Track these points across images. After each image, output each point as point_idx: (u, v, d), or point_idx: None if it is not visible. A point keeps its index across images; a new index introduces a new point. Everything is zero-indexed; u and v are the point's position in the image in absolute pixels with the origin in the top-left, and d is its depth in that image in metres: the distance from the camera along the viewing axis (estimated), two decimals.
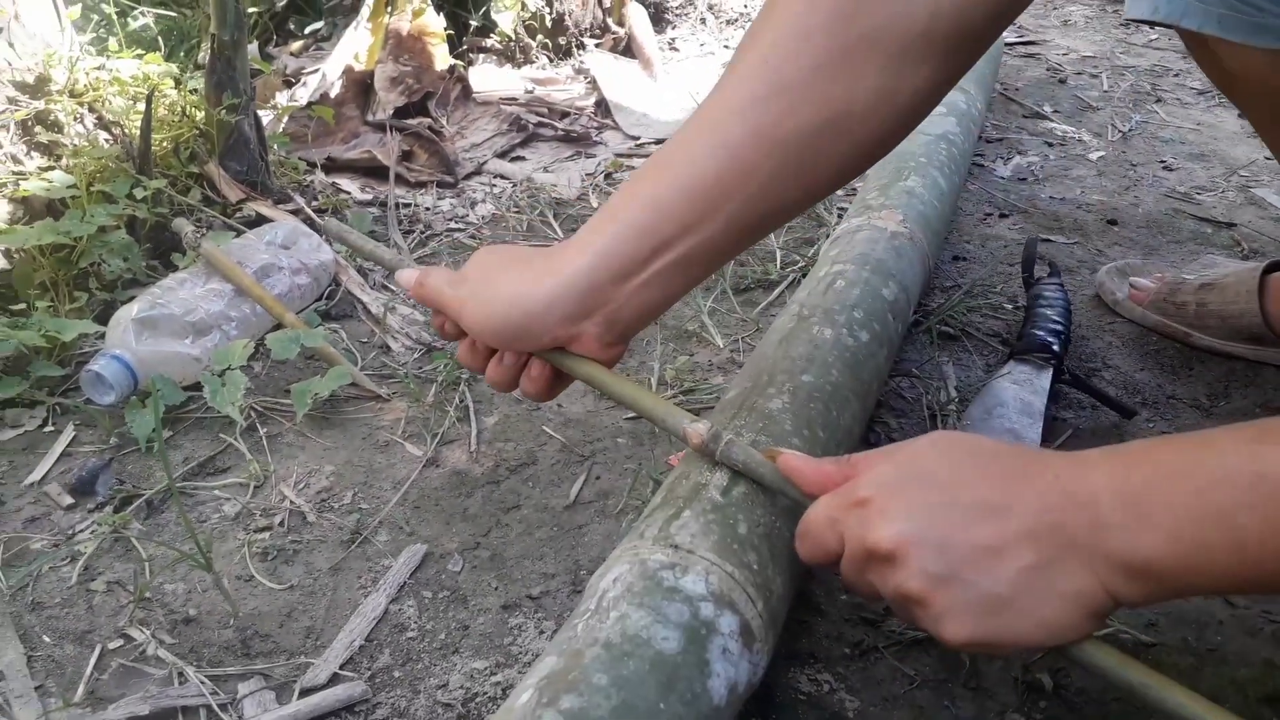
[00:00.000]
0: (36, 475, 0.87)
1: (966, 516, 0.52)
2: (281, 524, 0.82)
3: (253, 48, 2.05)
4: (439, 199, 1.46)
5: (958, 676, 0.69)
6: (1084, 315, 1.19)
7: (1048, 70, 2.18)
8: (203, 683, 0.67)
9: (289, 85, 1.83)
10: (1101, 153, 1.73)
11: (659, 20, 2.29)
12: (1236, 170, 1.67)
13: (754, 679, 0.59)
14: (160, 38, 2.04)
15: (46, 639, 0.71)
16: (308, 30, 2.12)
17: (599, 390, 0.75)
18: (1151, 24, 0.89)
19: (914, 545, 0.52)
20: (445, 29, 1.87)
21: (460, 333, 0.69)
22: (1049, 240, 1.39)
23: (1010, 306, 1.20)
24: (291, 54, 2.06)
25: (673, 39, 2.25)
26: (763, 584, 0.61)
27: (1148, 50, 2.41)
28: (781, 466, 0.62)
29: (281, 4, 2.21)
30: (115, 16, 2.11)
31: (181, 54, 2.03)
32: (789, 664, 0.70)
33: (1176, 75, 2.21)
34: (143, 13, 2.12)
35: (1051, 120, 1.89)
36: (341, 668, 0.69)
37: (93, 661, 0.69)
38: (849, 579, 0.57)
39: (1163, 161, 1.70)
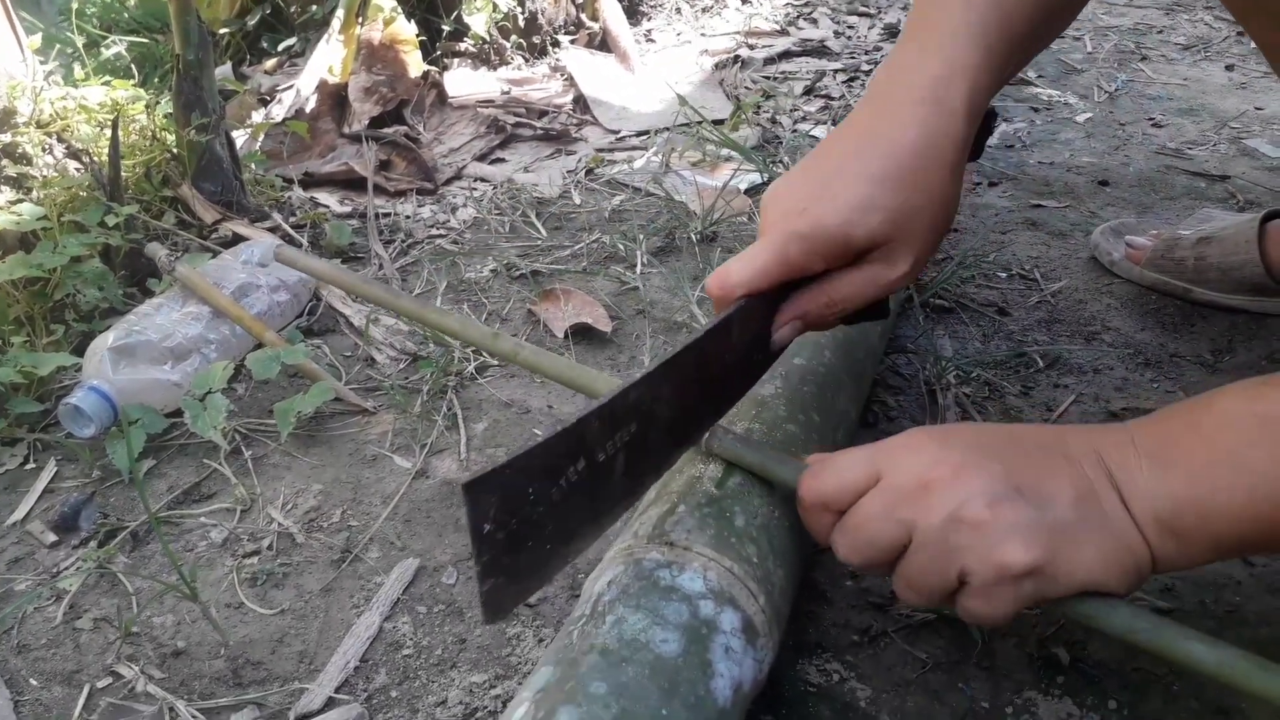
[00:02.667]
0: (19, 514, 0.85)
1: (1022, 453, 0.53)
2: (270, 547, 0.80)
3: (226, 68, 2.04)
4: (419, 206, 1.44)
5: (970, 657, 0.67)
6: (1080, 278, 1.17)
7: None
8: (194, 716, 0.65)
9: (264, 103, 1.81)
10: (1089, 114, 1.71)
11: (633, 13, 2.27)
12: (1227, 122, 1.64)
13: (760, 676, 0.57)
14: (134, 65, 2.02)
15: (34, 682, 0.69)
16: (281, 47, 2.10)
17: (578, 389, 0.73)
18: None
19: (976, 470, 0.51)
20: (418, 35, 1.85)
21: None
22: (1040, 206, 1.36)
23: (1004, 275, 1.18)
24: (266, 72, 2.04)
25: (648, 30, 2.23)
26: (763, 577, 0.59)
27: (1129, 9, 2.38)
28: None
29: (253, 22, 2.18)
30: (86, 47, 2.10)
31: (156, 79, 2.01)
32: (797, 655, 0.68)
33: (1160, 32, 2.19)
34: (115, 40, 2.10)
35: (1036, 85, 1.86)
36: (337, 691, 0.67)
37: (81, 702, 0.67)
38: (870, 518, 0.53)
39: (1151, 119, 1.68)
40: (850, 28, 2.26)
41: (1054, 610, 0.53)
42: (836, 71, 1.97)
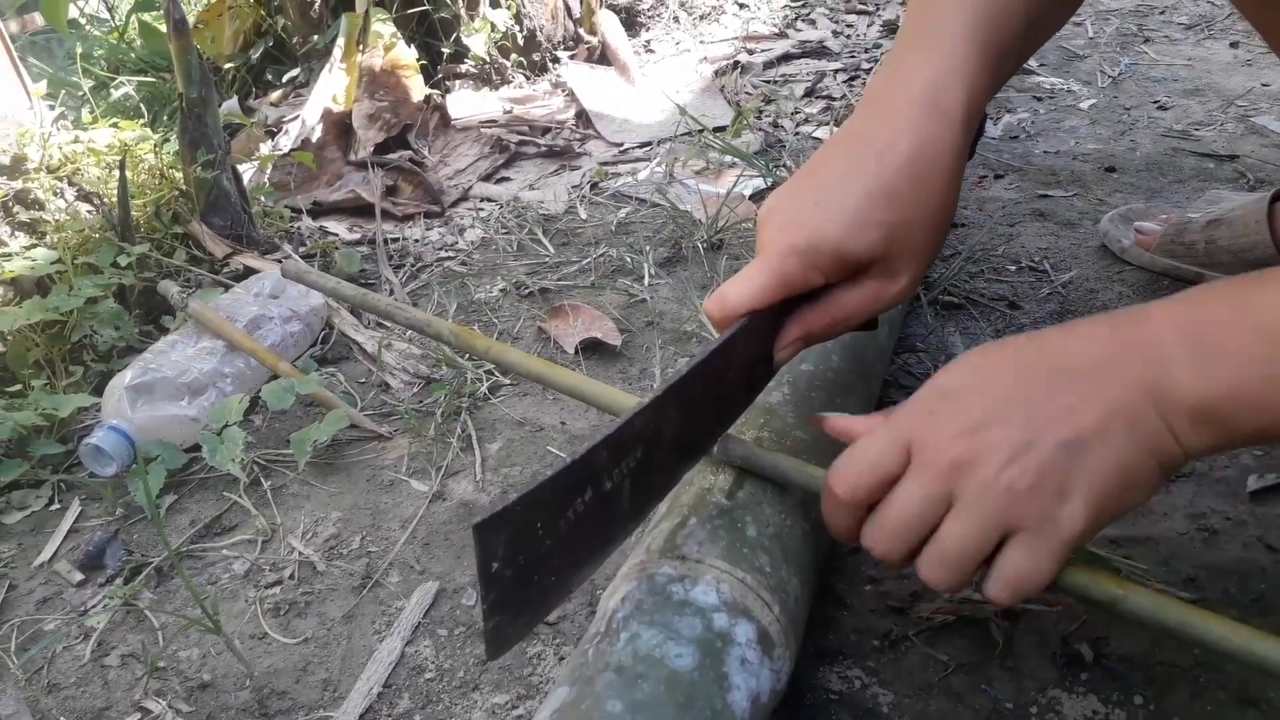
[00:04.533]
0: (46, 555, 0.87)
1: (1040, 388, 0.50)
2: (291, 577, 0.81)
3: (232, 102, 2.06)
4: (427, 229, 1.45)
5: (992, 657, 0.66)
6: (1090, 267, 1.16)
7: None
8: None
9: (271, 135, 1.83)
10: (1093, 100, 1.70)
11: (631, 24, 2.28)
12: (1234, 101, 1.63)
13: (778, 686, 0.57)
14: (142, 104, 2.05)
15: None
16: (285, 78, 2.12)
17: (587, 401, 0.74)
18: None
19: (998, 428, 0.49)
20: (418, 60, 1.86)
21: None
22: (1047, 196, 1.35)
23: (1013, 268, 1.17)
24: (271, 103, 2.06)
25: (647, 41, 2.24)
26: (777, 586, 0.59)
27: None
28: (831, 428, 0.59)
29: (257, 55, 2.21)
30: (94, 89, 2.13)
31: (165, 117, 2.03)
32: (818, 663, 0.68)
33: (1162, 13, 2.17)
34: (123, 81, 2.13)
35: (1038, 74, 1.85)
36: (361, 717, 0.68)
37: None
38: (904, 504, 0.52)
39: (1156, 101, 1.66)
40: (849, 26, 2.26)
41: (1069, 593, 0.53)
42: (837, 71, 1.96)
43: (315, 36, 2.06)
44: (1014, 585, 0.50)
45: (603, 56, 2.06)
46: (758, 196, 1.43)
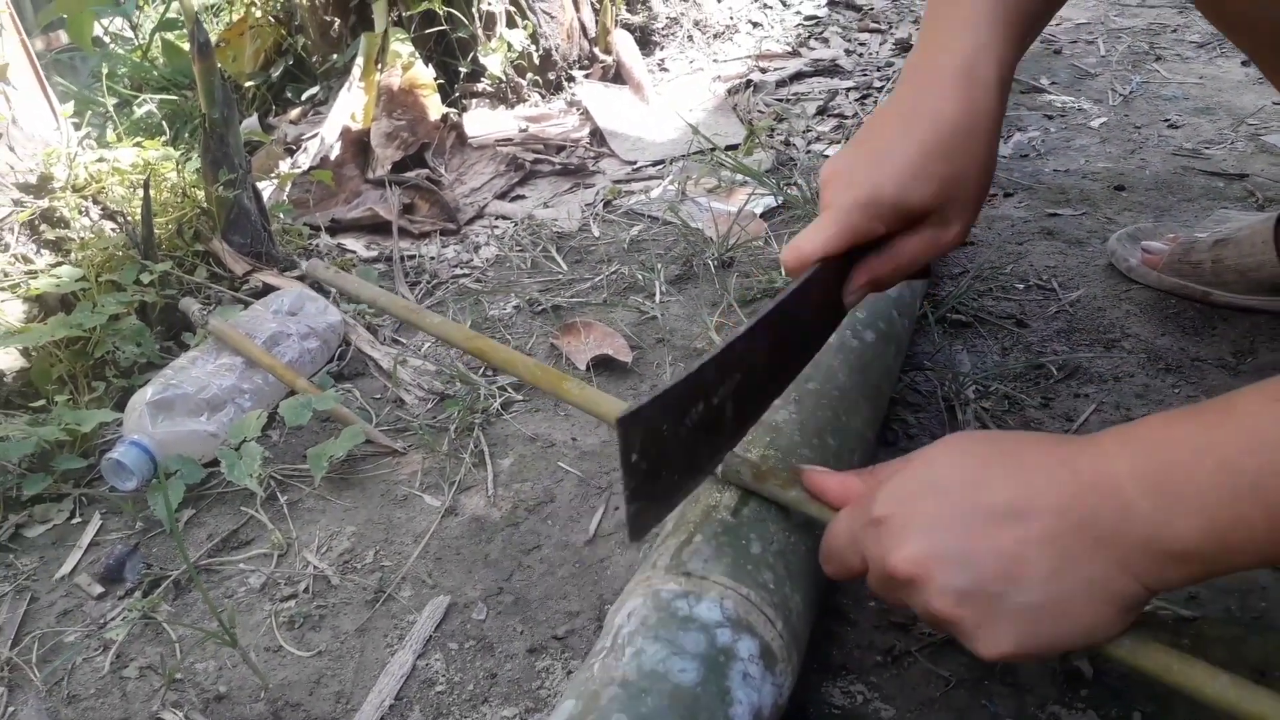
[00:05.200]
0: (67, 568, 0.89)
1: (986, 524, 0.50)
2: (306, 590, 0.83)
3: (253, 120, 2.10)
4: (443, 247, 1.47)
5: (994, 674, 0.67)
6: (1098, 286, 1.17)
7: (1041, 42, 2.16)
8: None
9: (290, 153, 1.86)
10: (1103, 119, 1.71)
11: (646, 43, 2.30)
12: (1244, 119, 1.63)
13: (780, 700, 0.58)
14: (165, 121, 2.09)
15: None
16: (304, 96, 2.16)
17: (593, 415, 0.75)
18: None
19: (935, 563, 0.50)
20: (436, 79, 1.89)
21: None
22: (1056, 215, 1.36)
23: (1021, 286, 1.18)
24: (291, 121, 2.09)
25: (661, 60, 2.26)
26: (780, 602, 0.61)
27: (1142, 10, 2.37)
28: (807, 484, 0.63)
29: (277, 74, 2.25)
30: (117, 107, 2.17)
31: (186, 135, 2.07)
32: (821, 678, 0.69)
33: (1174, 31, 2.18)
34: (146, 99, 2.17)
35: (1050, 92, 1.86)
36: None
37: None
38: (878, 595, 0.57)
39: (1167, 120, 1.67)
40: (862, 45, 2.28)
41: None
42: (849, 90, 1.98)
43: (334, 55, 2.10)
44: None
45: (617, 75, 2.08)
46: (768, 215, 1.44)
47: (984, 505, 0.51)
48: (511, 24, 2.01)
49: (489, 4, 1.96)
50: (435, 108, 1.83)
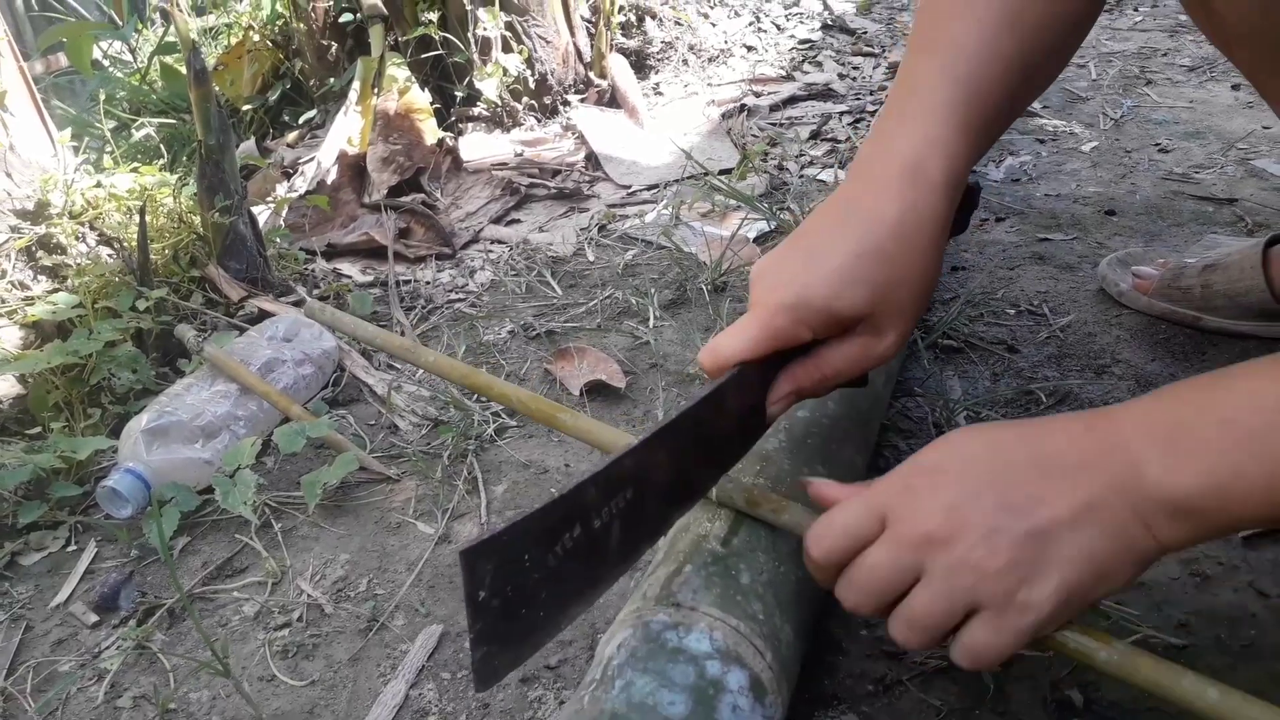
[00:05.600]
0: (62, 596, 0.89)
1: (1016, 476, 0.52)
2: (300, 619, 0.83)
3: (250, 144, 2.11)
4: (438, 271, 1.48)
5: (984, 702, 0.68)
6: (1089, 311, 1.18)
7: None
8: None
9: (287, 176, 1.87)
10: (1094, 143, 1.72)
11: (641, 67, 2.32)
12: (1234, 144, 1.65)
13: None
14: (162, 145, 2.10)
15: None
16: (301, 120, 2.17)
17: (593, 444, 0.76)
18: None
19: (972, 511, 0.51)
20: (432, 103, 1.91)
21: None
22: (1047, 239, 1.37)
23: (1012, 311, 1.19)
24: (288, 145, 2.11)
25: (656, 84, 2.28)
26: (770, 633, 0.61)
27: (1133, 33, 2.39)
28: (813, 494, 0.61)
29: (274, 97, 2.26)
30: (116, 130, 2.18)
31: (184, 158, 2.08)
32: (812, 708, 0.69)
33: (1165, 55, 2.20)
34: (145, 123, 2.19)
35: (1041, 116, 1.88)
36: None
37: None
38: (873, 567, 0.54)
39: (1157, 144, 1.69)
40: (855, 69, 2.30)
41: (1052, 645, 0.54)
42: (842, 114, 2.00)
43: (331, 80, 2.11)
44: (974, 657, 0.52)
45: (612, 99, 2.10)
46: (762, 239, 1.45)
47: (1010, 462, 0.53)
48: (507, 49, 2.03)
49: (485, 29, 1.98)
50: (431, 132, 1.84)
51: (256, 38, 2.26)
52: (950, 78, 0.64)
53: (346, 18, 2.06)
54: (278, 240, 1.47)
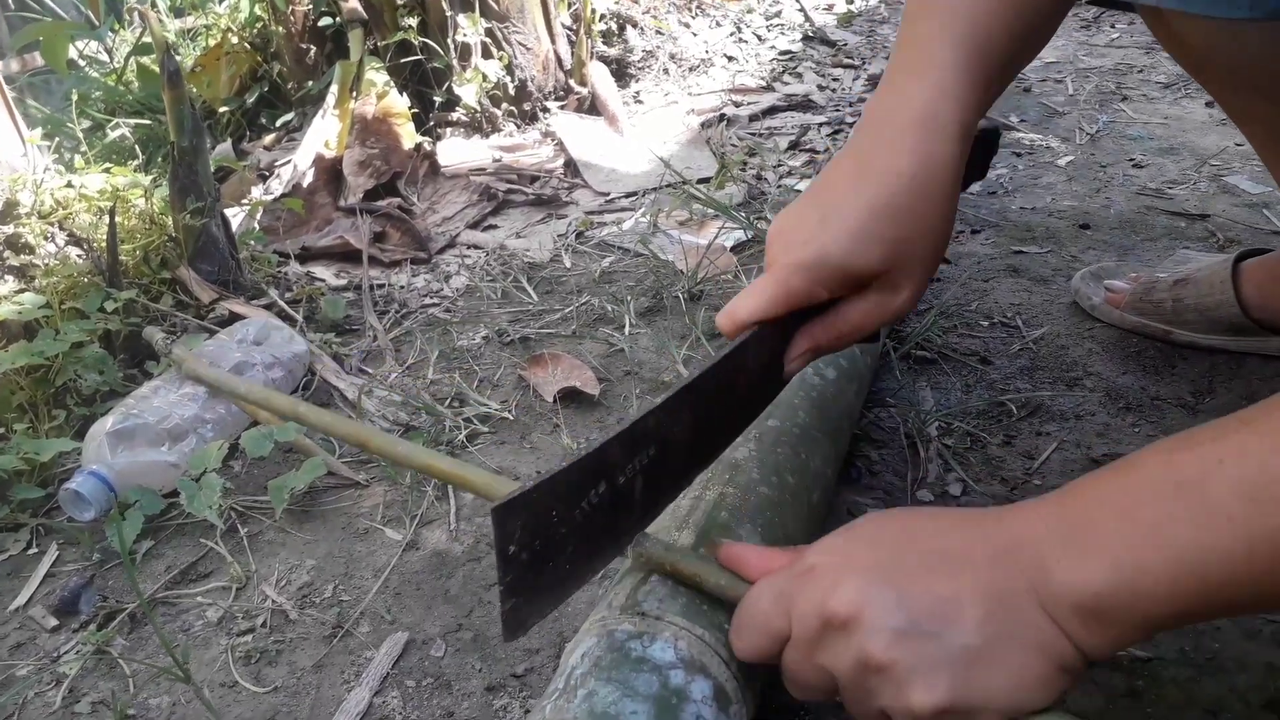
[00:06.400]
0: (21, 600, 0.87)
1: (921, 566, 0.50)
2: (264, 625, 0.82)
3: (226, 145, 2.10)
4: (413, 276, 1.47)
5: None
6: (1062, 324, 1.19)
7: None
8: None
9: (263, 179, 1.86)
10: (1070, 157, 1.74)
11: (621, 75, 2.32)
12: (1207, 160, 1.66)
13: None
14: (137, 145, 2.08)
15: None
16: (279, 122, 2.16)
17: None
18: (1111, 6, 0.86)
19: (871, 602, 0.49)
20: (410, 108, 1.90)
21: None
22: (1022, 252, 1.38)
23: (986, 323, 1.19)
24: (265, 147, 2.09)
25: (637, 92, 2.28)
26: None
27: (1110, 50, 2.42)
28: (724, 558, 0.60)
29: (252, 99, 2.25)
30: (91, 130, 2.16)
31: (159, 160, 2.07)
32: (778, 718, 0.68)
33: (1141, 71, 2.22)
34: (120, 123, 2.17)
35: (1019, 130, 1.89)
36: None
37: None
38: (797, 669, 0.53)
39: (1132, 159, 1.70)
40: (835, 80, 2.31)
41: None
42: (821, 125, 2.00)
43: (309, 83, 2.10)
44: None
45: (592, 107, 2.10)
46: (739, 248, 1.45)
47: (918, 551, 0.51)
48: (487, 55, 2.02)
49: (465, 35, 1.97)
50: (409, 136, 1.83)
51: (235, 40, 2.25)
52: (953, 34, 0.64)
53: (325, 21, 2.05)
54: (251, 243, 1.46)
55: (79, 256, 1.24)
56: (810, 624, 0.51)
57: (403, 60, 2.00)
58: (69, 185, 1.31)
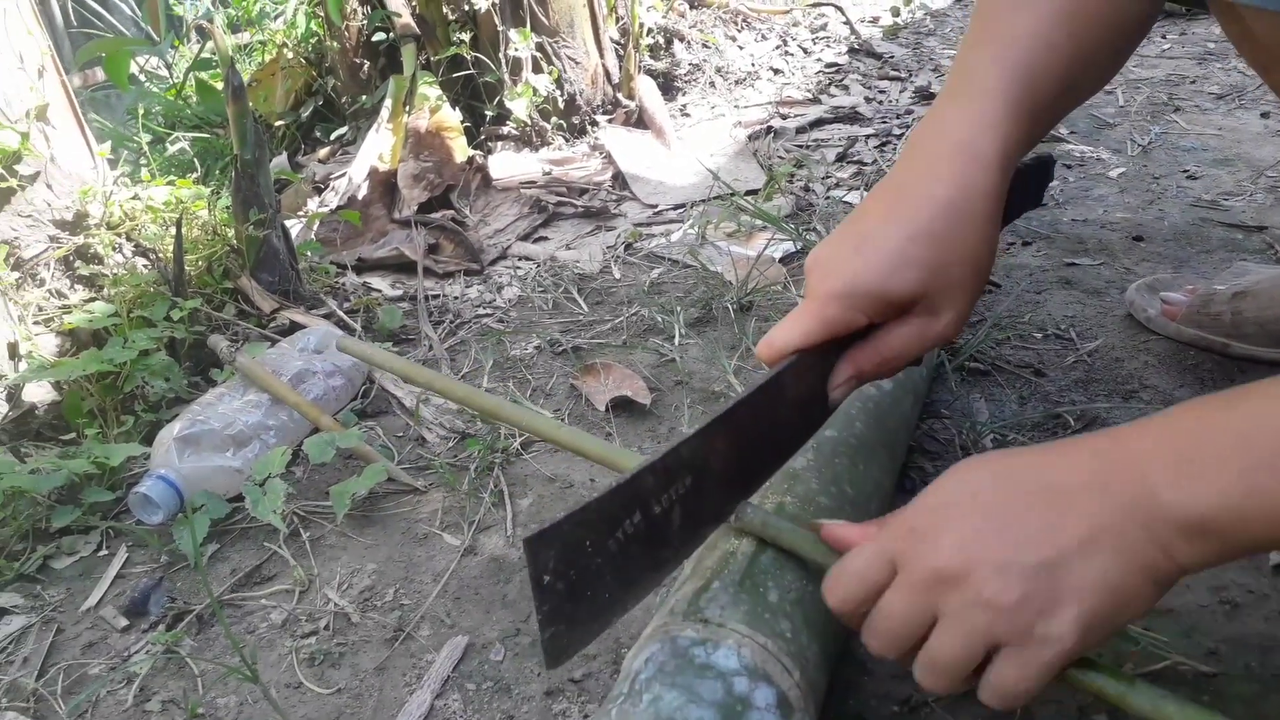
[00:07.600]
0: (93, 600, 0.90)
1: (1025, 506, 0.51)
2: (327, 627, 0.84)
3: (282, 159, 2.14)
4: (467, 287, 1.49)
5: None
6: (1116, 336, 1.18)
7: None
8: None
9: (319, 191, 1.89)
10: (1122, 169, 1.72)
11: (669, 89, 2.34)
12: (1263, 171, 1.64)
13: None
14: (196, 159, 2.13)
15: None
16: (333, 136, 2.20)
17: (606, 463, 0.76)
18: (1191, 4, 0.85)
19: (983, 547, 0.50)
20: (462, 122, 1.93)
21: None
22: (1075, 264, 1.37)
23: (1040, 335, 1.19)
24: (320, 160, 2.14)
25: (684, 105, 2.29)
26: (797, 652, 0.61)
27: (1161, 60, 2.39)
28: (826, 538, 0.62)
29: (307, 113, 2.30)
30: (150, 145, 2.22)
31: (217, 172, 2.12)
32: None
33: (1193, 82, 2.20)
34: (179, 137, 2.22)
35: (1069, 141, 1.88)
36: None
37: None
38: (891, 612, 0.54)
39: (1186, 171, 1.68)
40: (882, 92, 2.31)
41: (1080, 686, 0.53)
42: (869, 137, 2.00)
43: (364, 97, 2.14)
44: (1001, 696, 0.51)
45: (640, 120, 2.12)
46: (788, 259, 1.46)
47: (1018, 491, 0.52)
48: (537, 69, 2.05)
49: (516, 50, 2.00)
50: (461, 150, 1.86)
51: (290, 55, 2.30)
52: (1003, 65, 0.64)
53: (379, 37, 2.09)
54: (309, 254, 1.49)
55: (145, 266, 1.28)
56: (919, 576, 0.52)
57: (455, 75, 2.03)
58: (135, 197, 1.35)
